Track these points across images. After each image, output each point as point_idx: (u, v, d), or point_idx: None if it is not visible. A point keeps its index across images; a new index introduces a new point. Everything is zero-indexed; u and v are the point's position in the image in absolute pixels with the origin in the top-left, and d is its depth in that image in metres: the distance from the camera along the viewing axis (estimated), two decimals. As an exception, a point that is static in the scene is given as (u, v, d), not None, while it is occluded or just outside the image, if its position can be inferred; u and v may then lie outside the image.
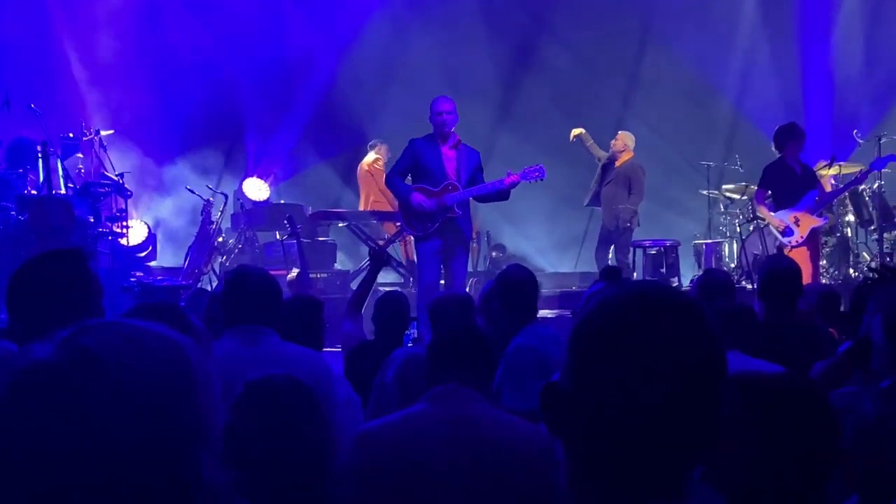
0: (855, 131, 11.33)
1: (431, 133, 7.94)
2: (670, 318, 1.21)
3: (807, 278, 7.47)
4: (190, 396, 1.19)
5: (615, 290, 1.25)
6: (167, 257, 12.34)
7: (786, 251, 8.83)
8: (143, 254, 11.35)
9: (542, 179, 8.28)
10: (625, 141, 10.77)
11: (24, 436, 1.12)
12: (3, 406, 1.14)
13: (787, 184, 8.86)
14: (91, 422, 1.12)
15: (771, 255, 9.06)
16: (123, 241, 10.33)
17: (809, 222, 8.82)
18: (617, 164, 10.63)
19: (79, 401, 1.12)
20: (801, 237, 8.79)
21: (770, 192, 9.03)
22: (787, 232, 8.86)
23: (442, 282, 7.96)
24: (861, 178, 9.73)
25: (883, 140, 10.18)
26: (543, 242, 13.67)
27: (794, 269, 4.76)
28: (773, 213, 8.98)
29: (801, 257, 8.51)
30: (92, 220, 9.49)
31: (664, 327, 1.19)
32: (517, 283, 4.47)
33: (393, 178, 7.98)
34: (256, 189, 12.55)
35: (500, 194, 7.97)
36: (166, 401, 1.16)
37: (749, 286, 10.26)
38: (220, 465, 1.27)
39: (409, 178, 7.90)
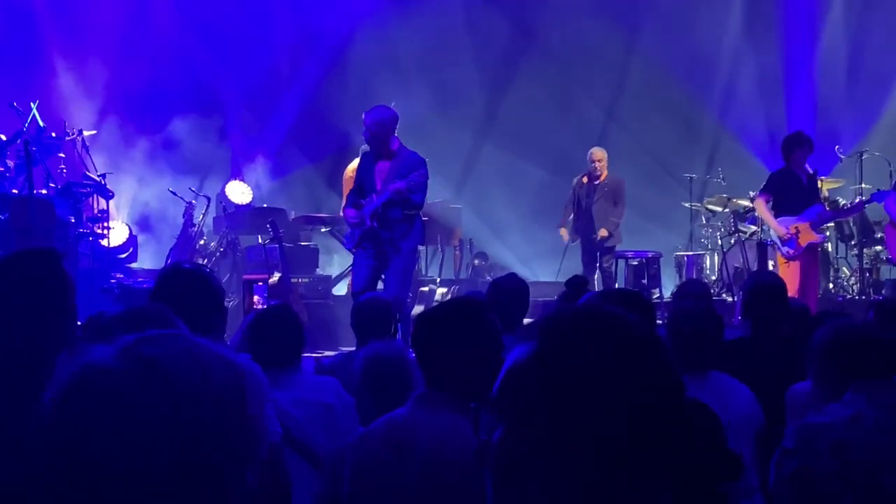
0: (837, 147, 11.41)
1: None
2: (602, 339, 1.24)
3: (793, 292, 7.32)
4: (243, 415, 1.19)
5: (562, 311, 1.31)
6: (148, 259, 12.27)
7: (779, 262, 8.75)
8: (123, 255, 11.29)
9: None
10: (604, 159, 10.72)
11: (78, 441, 1.11)
12: (58, 408, 1.13)
13: (791, 192, 8.69)
14: (149, 433, 1.11)
15: (755, 272, 9.02)
16: (104, 243, 10.27)
17: (808, 237, 8.63)
18: (601, 180, 10.62)
19: (140, 411, 1.12)
20: (798, 249, 8.61)
21: (771, 198, 8.87)
22: (789, 242, 8.64)
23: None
24: (859, 206, 9.74)
25: (865, 156, 10.27)
26: (526, 251, 13.68)
27: (779, 286, 4.73)
28: (776, 220, 8.76)
29: (791, 272, 8.39)
30: (73, 220, 9.44)
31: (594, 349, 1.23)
32: (506, 290, 4.50)
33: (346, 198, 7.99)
34: (239, 192, 12.50)
35: (397, 195, 7.45)
36: (223, 417, 1.16)
37: (729, 298, 10.32)
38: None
39: None
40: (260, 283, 8.59)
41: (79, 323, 3.02)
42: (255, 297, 8.49)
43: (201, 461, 1.14)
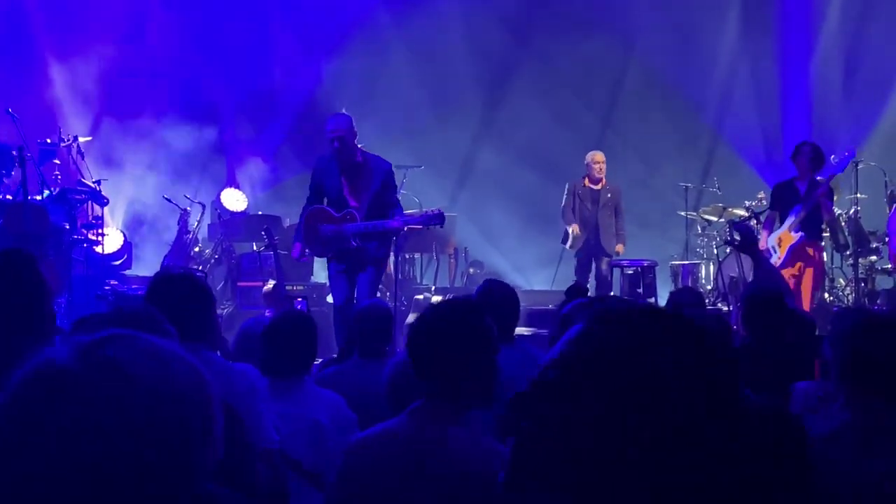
0: (833, 157, 11.39)
1: (332, 154, 7.45)
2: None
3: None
4: (205, 414, 1.20)
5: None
6: (142, 266, 12.25)
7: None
8: (118, 262, 11.27)
9: (440, 226, 7.70)
10: (604, 161, 10.72)
11: (28, 438, 1.10)
12: (13, 406, 1.12)
13: (786, 203, 8.78)
14: (106, 431, 1.11)
15: (753, 282, 8.97)
16: (99, 249, 10.25)
17: (787, 241, 8.71)
18: (602, 185, 10.61)
19: (99, 411, 1.11)
20: (779, 258, 8.66)
21: (777, 212, 8.92)
22: (768, 254, 8.71)
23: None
24: (824, 186, 9.42)
25: (860, 166, 10.25)
26: (520, 259, 13.67)
27: (776, 296, 4.70)
28: (764, 235, 8.84)
29: (790, 280, 8.39)
30: (67, 226, 9.42)
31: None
32: (500, 296, 4.47)
33: (305, 207, 7.59)
34: (234, 200, 12.49)
35: (394, 233, 7.42)
36: (183, 417, 1.17)
37: (725, 308, 10.30)
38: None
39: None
40: (300, 300, 8.39)
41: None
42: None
43: (161, 460, 1.13)
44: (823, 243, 10.43)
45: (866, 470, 2.47)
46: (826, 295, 10.76)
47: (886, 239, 9.74)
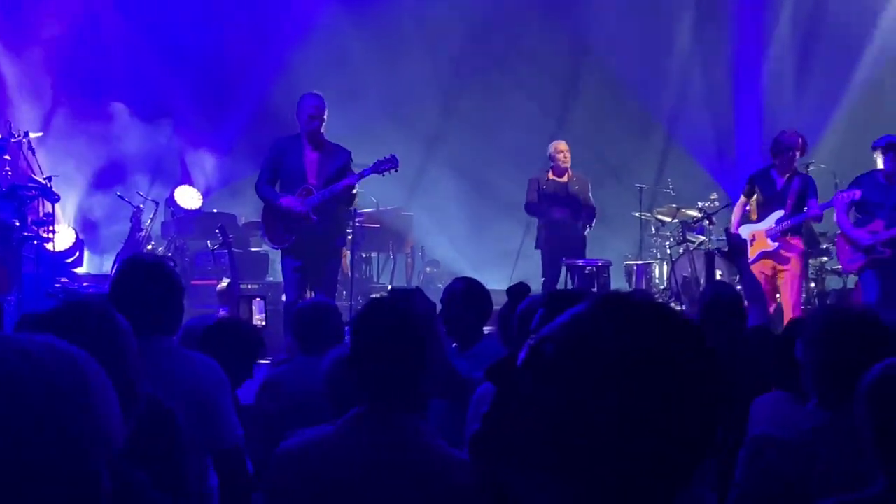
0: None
1: (297, 133, 7.48)
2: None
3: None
4: (86, 406, 1.18)
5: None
6: (94, 264, 12.11)
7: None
8: (70, 259, 11.13)
9: (395, 169, 7.61)
10: (568, 150, 10.12)
11: None
12: None
13: (762, 195, 8.48)
14: None
15: (713, 284, 8.84)
16: (49, 247, 10.11)
17: (761, 245, 8.40)
18: (567, 177, 10.04)
19: None
20: (749, 258, 8.19)
21: (747, 199, 8.59)
22: None
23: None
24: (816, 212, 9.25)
25: (811, 168, 10.38)
26: (476, 258, 13.69)
27: (735, 298, 4.68)
28: (737, 225, 8.52)
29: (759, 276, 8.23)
30: (17, 223, 9.28)
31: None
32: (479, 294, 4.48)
33: (261, 185, 7.51)
34: (189, 197, 12.38)
35: (348, 190, 7.39)
36: (61, 412, 1.15)
37: (678, 308, 10.40)
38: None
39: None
40: (259, 299, 8.33)
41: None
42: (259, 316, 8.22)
43: (45, 456, 1.13)
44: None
45: (842, 471, 2.47)
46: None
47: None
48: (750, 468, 2.57)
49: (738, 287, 6.62)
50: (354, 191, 7.56)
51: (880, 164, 8.16)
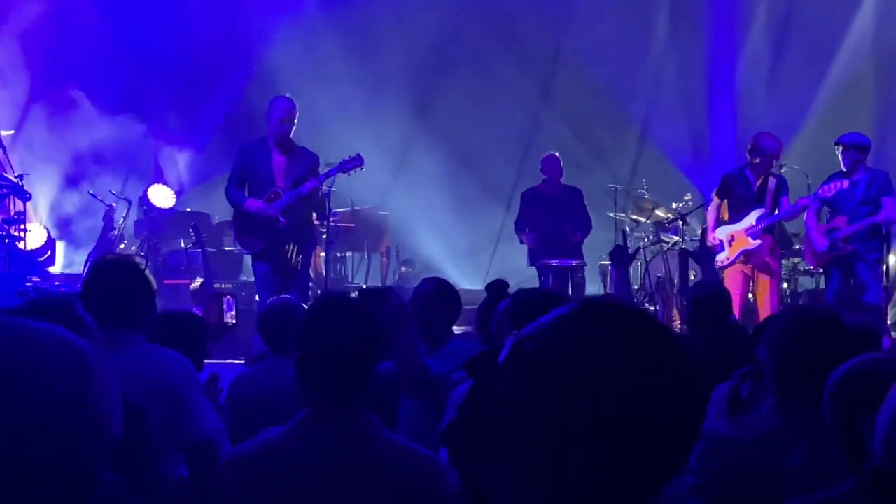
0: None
1: (264, 136, 7.51)
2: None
3: (734, 305, 6.74)
4: (87, 399, 1.16)
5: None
6: (66, 263, 12.02)
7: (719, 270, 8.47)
8: (42, 258, 11.04)
9: (360, 168, 7.61)
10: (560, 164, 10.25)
11: None
12: None
13: (736, 196, 8.43)
14: None
15: (698, 282, 8.82)
16: (21, 245, 10.02)
17: (741, 244, 8.33)
18: (559, 191, 10.19)
19: None
20: (728, 258, 8.34)
21: (721, 201, 8.57)
22: (718, 248, 8.41)
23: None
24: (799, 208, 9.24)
25: (784, 169, 10.44)
26: (451, 257, 13.68)
27: (721, 295, 4.67)
28: (714, 227, 8.52)
29: (728, 281, 8.16)
30: (-13, 221, 9.21)
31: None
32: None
33: (229, 189, 7.54)
34: (162, 196, 12.29)
35: (314, 192, 7.44)
36: (62, 403, 1.13)
37: (652, 307, 10.44)
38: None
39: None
40: (229, 298, 8.27)
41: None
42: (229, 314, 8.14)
43: (43, 448, 1.11)
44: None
45: (797, 472, 2.48)
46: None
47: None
48: (704, 466, 2.57)
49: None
50: (322, 191, 7.58)
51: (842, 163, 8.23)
